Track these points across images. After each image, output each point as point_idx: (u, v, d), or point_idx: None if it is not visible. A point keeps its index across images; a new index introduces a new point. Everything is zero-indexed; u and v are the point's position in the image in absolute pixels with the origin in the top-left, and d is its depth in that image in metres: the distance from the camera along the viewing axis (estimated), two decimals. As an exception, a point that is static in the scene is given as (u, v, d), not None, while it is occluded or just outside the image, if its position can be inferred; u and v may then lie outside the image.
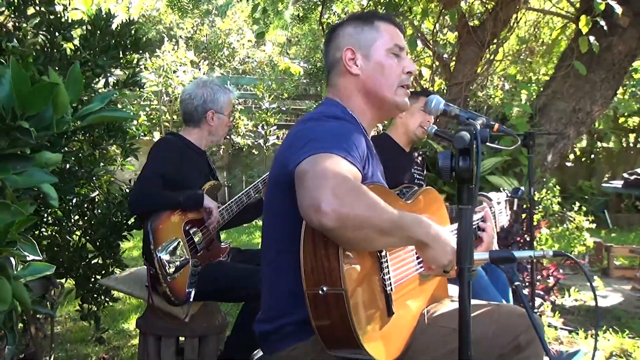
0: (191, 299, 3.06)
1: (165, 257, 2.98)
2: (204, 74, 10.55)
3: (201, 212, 3.19)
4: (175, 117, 10.07)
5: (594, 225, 6.53)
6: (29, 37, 3.31)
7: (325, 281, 1.63)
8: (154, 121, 10.11)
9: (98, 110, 1.52)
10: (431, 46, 5.45)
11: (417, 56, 5.79)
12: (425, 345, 1.88)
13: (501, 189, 2.70)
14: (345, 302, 1.61)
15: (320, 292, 1.62)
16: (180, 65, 10.17)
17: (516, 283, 1.83)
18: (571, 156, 10.76)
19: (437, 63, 5.54)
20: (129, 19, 3.72)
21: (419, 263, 1.96)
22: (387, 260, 1.79)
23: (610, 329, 4.18)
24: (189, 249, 3.12)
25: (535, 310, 4.31)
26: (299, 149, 1.73)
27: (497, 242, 4.05)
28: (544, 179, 5.26)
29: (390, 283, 1.79)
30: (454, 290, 2.45)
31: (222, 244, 3.36)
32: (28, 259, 1.61)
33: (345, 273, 1.62)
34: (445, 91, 5.37)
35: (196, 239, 3.15)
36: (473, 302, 2.02)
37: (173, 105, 10.03)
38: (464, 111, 2.07)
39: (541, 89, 5.32)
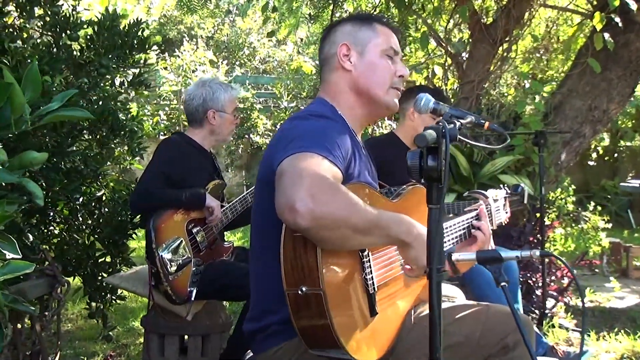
0: (192, 298, 3.07)
1: (167, 255, 3.00)
2: (223, 73, 10.61)
3: (204, 211, 3.20)
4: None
5: (609, 225, 6.43)
6: (35, 37, 3.35)
7: (305, 281, 1.63)
8: (173, 120, 10.19)
9: (56, 110, 1.52)
10: (444, 44, 5.40)
11: (429, 54, 5.75)
12: (410, 345, 1.86)
13: (501, 185, 2.65)
14: (324, 302, 1.60)
15: (299, 292, 1.62)
16: (200, 65, 10.24)
17: (502, 284, 1.79)
18: (594, 155, 10.61)
19: (449, 61, 5.49)
20: (137, 19, 3.74)
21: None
22: (369, 260, 1.77)
23: (623, 331, 4.11)
24: (192, 248, 3.13)
25: (547, 312, 4.26)
26: (282, 148, 1.73)
27: (493, 240, 4.04)
28: (559, 178, 5.18)
29: (373, 283, 1.78)
30: (449, 289, 2.43)
31: (226, 243, 3.37)
32: (8, 257, 1.62)
33: (324, 273, 1.61)
34: (457, 90, 5.33)
35: (199, 238, 3.17)
36: (462, 302, 2.02)
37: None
38: (454, 109, 2.05)
39: (556, 87, 5.25)
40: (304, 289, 1.62)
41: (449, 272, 2.03)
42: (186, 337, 3.34)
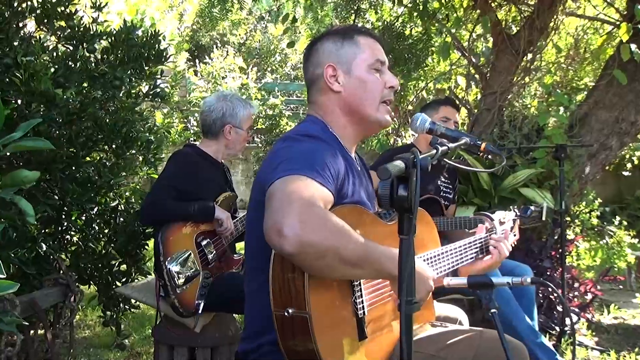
0: (200, 311, 3.08)
1: (175, 268, 3.01)
2: (253, 80, 10.67)
3: (214, 224, 3.21)
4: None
5: (636, 240, 6.27)
6: (51, 48, 3.39)
7: (291, 303, 1.62)
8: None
9: (18, 140, 1.54)
10: (467, 54, 5.34)
11: (451, 64, 5.70)
12: (401, 371, 1.83)
13: (511, 207, 2.60)
14: (310, 325, 1.59)
15: (286, 313, 1.61)
16: (229, 72, 10.32)
17: (492, 310, 1.76)
18: (629, 165, 10.38)
19: (473, 71, 5.42)
20: (155, 31, 3.77)
21: None
22: (359, 283, 1.74)
23: (644, 350, 4.00)
24: (200, 261, 3.14)
25: (567, 329, 4.17)
26: (272, 170, 1.72)
27: (514, 255, 3.98)
28: (583, 192, 5.07)
29: (363, 307, 1.75)
30: (451, 310, 2.39)
31: (236, 255, 3.38)
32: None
33: (311, 296, 1.60)
34: (480, 101, 5.27)
35: (208, 251, 3.17)
36: (455, 327, 1.98)
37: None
38: (450, 130, 2.04)
39: (580, 99, 5.15)
40: (290, 311, 1.60)
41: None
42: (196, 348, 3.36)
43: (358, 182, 1.96)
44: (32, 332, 3.28)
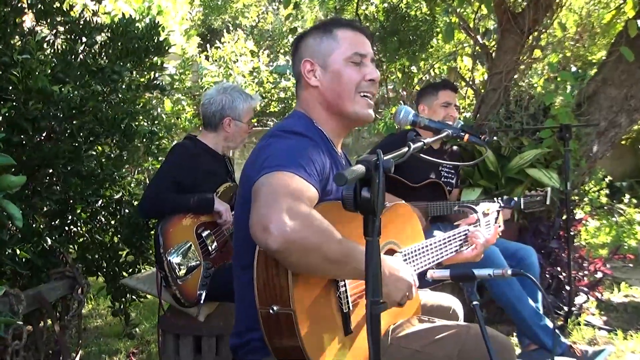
0: (202, 301, 3.12)
1: (175, 259, 3.05)
2: (264, 63, 10.65)
3: (214, 215, 3.24)
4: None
5: None
6: (48, 44, 3.41)
7: (276, 300, 1.64)
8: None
9: None
10: (472, 34, 5.29)
11: (457, 45, 5.65)
12: (387, 366, 1.85)
13: (495, 199, 2.59)
14: (295, 322, 1.61)
15: (271, 311, 1.63)
16: (240, 56, 10.31)
17: (474, 303, 1.77)
18: (647, 138, 10.25)
19: (479, 50, 5.37)
20: (154, 22, 3.78)
21: None
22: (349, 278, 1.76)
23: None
24: (202, 252, 3.17)
25: (574, 309, 4.16)
26: (258, 167, 1.74)
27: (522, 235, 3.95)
28: (591, 170, 5.02)
29: (348, 302, 1.76)
30: (446, 299, 2.40)
31: (237, 245, 3.40)
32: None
33: (295, 293, 1.62)
34: (486, 81, 5.22)
35: (209, 242, 3.20)
36: (441, 321, 1.99)
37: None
38: (433, 122, 2.04)
39: (588, 76, 5.08)
40: (275, 308, 1.63)
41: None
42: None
43: None
44: (41, 324, 3.35)
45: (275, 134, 1.88)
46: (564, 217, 4.39)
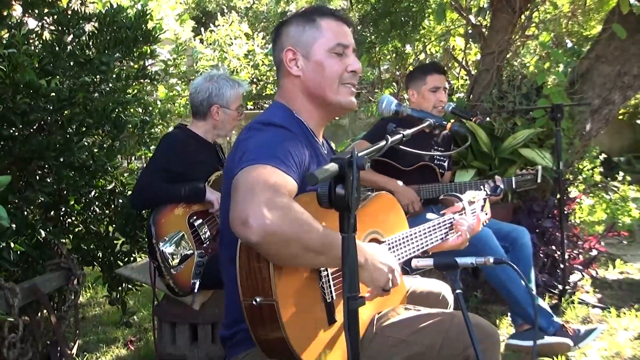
0: (195, 290, 3.15)
1: (168, 249, 3.07)
2: (260, 46, 10.59)
3: (206, 204, 3.25)
4: (232, 90, 10.19)
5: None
6: (36, 36, 3.40)
7: (258, 292, 1.65)
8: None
9: None
10: (465, 14, 5.26)
11: (450, 25, 5.61)
12: (372, 355, 1.87)
13: (481, 187, 2.59)
14: (277, 313, 1.63)
15: (254, 302, 1.65)
16: (235, 39, 10.25)
17: (457, 291, 1.78)
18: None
19: (471, 30, 5.34)
20: (143, 10, 3.77)
21: None
22: (326, 268, 1.77)
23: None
24: (194, 241, 3.19)
25: (568, 288, 4.19)
26: (237, 161, 1.76)
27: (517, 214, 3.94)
28: (586, 148, 5.01)
29: (331, 292, 1.78)
30: (435, 285, 2.41)
31: (231, 233, 3.42)
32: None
33: (277, 284, 1.63)
34: (479, 62, 5.21)
35: (201, 231, 3.22)
36: (426, 310, 2.00)
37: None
38: (415, 111, 2.04)
39: (583, 53, 5.06)
40: (258, 299, 1.64)
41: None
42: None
43: None
44: (38, 315, 3.39)
45: (254, 127, 1.89)
46: (558, 196, 4.40)
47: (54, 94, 3.16)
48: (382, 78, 6.34)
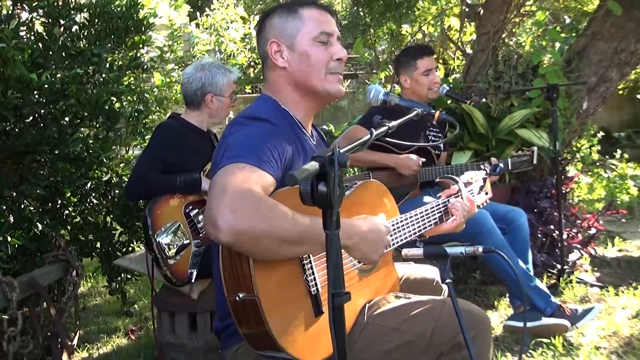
0: (193, 280, 3.16)
1: (165, 240, 3.08)
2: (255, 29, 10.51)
3: (202, 194, 3.25)
4: (232, 72, 10.13)
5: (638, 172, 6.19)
6: (26, 28, 3.39)
7: (241, 288, 1.67)
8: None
9: None
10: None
11: (446, 4, 5.58)
12: (363, 344, 1.88)
13: (481, 166, 2.58)
14: (260, 307, 1.64)
15: (237, 298, 1.66)
16: (231, 22, 10.17)
17: (447, 281, 1.79)
18: (643, 87, 10.16)
19: (466, 9, 5.30)
20: (134, 0, 3.75)
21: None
22: (310, 261, 1.78)
23: (643, 285, 4.01)
24: (191, 231, 3.20)
25: (567, 267, 4.19)
26: (220, 158, 1.77)
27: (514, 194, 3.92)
28: (583, 127, 4.99)
29: (316, 283, 1.78)
30: (425, 270, 2.42)
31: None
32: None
33: (258, 278, 1.64)
34: (474, 43, 5.18)
35: (197, 220, 3.23)
36: (417, 297, 2.01)
37: (227, 62, 10.11)
38: (403, 100, 2.03)
39: (578, 30, 5.02)
40: (240, 295, 1.65)
41: None
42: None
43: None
44: (38, 307, 3.40)
45: (239, 121, 1.89)
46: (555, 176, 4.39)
47: (46, 86, 3.16)
48: (380, 59, 6.31)
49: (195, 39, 10.16)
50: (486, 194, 2.50)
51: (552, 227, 4.46)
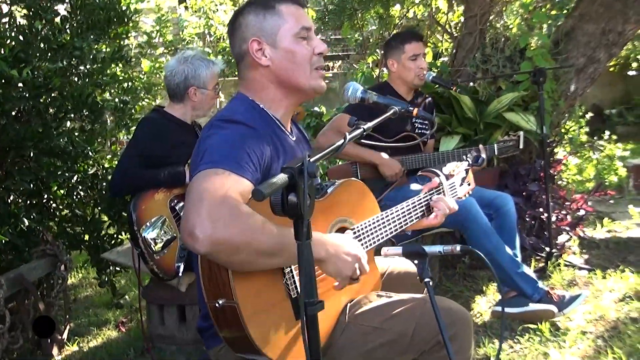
0: (180, 273, 3.17)
1: (150, 235, 3.08)
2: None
3: (186, 187, 3.24)
4: (220, 57, 10.07)
5: (627, 153, 6.19)
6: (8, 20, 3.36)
7: (220, 294, 1.67)
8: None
9: None
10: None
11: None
12: (345, 344, 1.88)
13: (464, 157, 2.57)
14: (239, 314, 1.64)
15: (217, 304, 1.66)
16: (220, 4, 10.09)
17: (426, 280, 1.79)
18: (634, 64, 10.13)
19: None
20: (114, -9, 3.71)
21: None
22: (289, 265, 1.78)
23: (630, 268, 4.02)
24: (177, 224, 3.19)
25: (555, 251, 4.20)
26: (196, 163, 1.76)
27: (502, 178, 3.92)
28: (571, 109, 4.99)
29: (296, 287, 1.78)
30: (411, 264, 2.42)
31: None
32: None
33: (237, 285, 1.64)
34: (461, 26, 5.15)
35: (183, 214, 3.22)
36: (398, 296, 2.01)
37: (217, 45, 10.04)
38: (381, 97, 2.02)
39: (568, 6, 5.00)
40: (220, 302, 1.65)
41: None
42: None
43: (291, 156, 1.96)
44: (27, 302, 3.41)
45: (215, 124, 1.86)
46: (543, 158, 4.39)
47: (28, 81, 3.13)
48: (370, 40, 6.25)
49: (185, 22, 10.08)
50: (468, 184, 2.49)
51: (540, 210, 4.47)
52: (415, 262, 1.83)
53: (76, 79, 3.61)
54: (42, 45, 3.34)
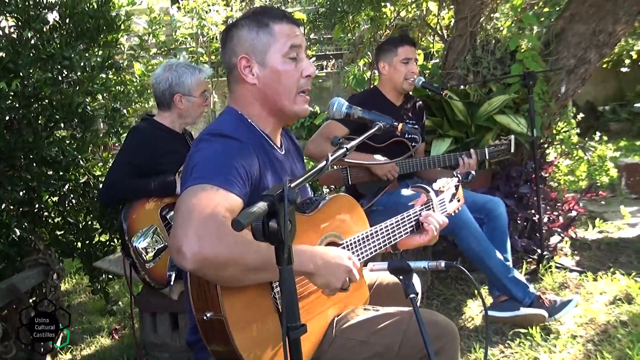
0: (172, 282, 3.17)
1: (141, 244, 3.09)
2: (239, 10, 10.42)
3: (177, 196, 3.25)
4: (213, 57, 10.06)
5: (618, 154, 6.21)
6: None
7: (208, 307, 1.68)
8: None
9: None
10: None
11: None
12: (332, 358, 1.90)
13: (454, 172, 2.57)
14: (227, 327, 1.65)
15: (204, 318, 1.67)
16: (213, 5, 10.07)
17: (411, 295, 1.80)
18: (627, 61, 10.16)
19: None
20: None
21: None
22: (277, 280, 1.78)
23: (620, 270, 4.04)
24: (168, 233, 3.20)
25: (546, 253, 4.22)
26: (185, 178, 1.76)
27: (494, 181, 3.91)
28: (562, 110, 5.00)
29: (284, 301, 1.79)
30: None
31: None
32: None
33: (225, 299, 1.65)
34: (452, 28, 5.15)
35: (171, 229, 3.22)
36: (385, 309, 2.02)
37: (210, 46, 10.02)
38: (367, 112, 2.03)
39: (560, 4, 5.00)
40: (208, 315, 1.67)
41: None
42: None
43: (280, 169, 1.97)
44: (19, 311, 3.41)
45: (204, 138, 1.87)
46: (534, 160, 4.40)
47: (16, 94, 3.14)
48: (358, 48, 6.25)
49: (177, 23, 10.06)
50: (458, 201, 2.50)
51: (532, 211, 4.49)
52: (401, 277, 1.84)
53: (66, 86, 3.61)
54: (31, 54, 3.33)
